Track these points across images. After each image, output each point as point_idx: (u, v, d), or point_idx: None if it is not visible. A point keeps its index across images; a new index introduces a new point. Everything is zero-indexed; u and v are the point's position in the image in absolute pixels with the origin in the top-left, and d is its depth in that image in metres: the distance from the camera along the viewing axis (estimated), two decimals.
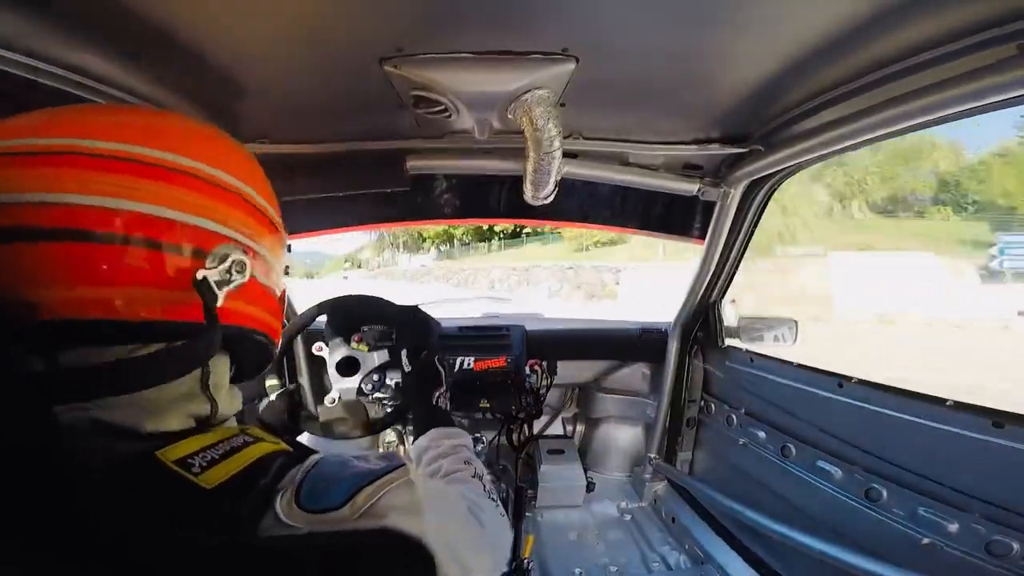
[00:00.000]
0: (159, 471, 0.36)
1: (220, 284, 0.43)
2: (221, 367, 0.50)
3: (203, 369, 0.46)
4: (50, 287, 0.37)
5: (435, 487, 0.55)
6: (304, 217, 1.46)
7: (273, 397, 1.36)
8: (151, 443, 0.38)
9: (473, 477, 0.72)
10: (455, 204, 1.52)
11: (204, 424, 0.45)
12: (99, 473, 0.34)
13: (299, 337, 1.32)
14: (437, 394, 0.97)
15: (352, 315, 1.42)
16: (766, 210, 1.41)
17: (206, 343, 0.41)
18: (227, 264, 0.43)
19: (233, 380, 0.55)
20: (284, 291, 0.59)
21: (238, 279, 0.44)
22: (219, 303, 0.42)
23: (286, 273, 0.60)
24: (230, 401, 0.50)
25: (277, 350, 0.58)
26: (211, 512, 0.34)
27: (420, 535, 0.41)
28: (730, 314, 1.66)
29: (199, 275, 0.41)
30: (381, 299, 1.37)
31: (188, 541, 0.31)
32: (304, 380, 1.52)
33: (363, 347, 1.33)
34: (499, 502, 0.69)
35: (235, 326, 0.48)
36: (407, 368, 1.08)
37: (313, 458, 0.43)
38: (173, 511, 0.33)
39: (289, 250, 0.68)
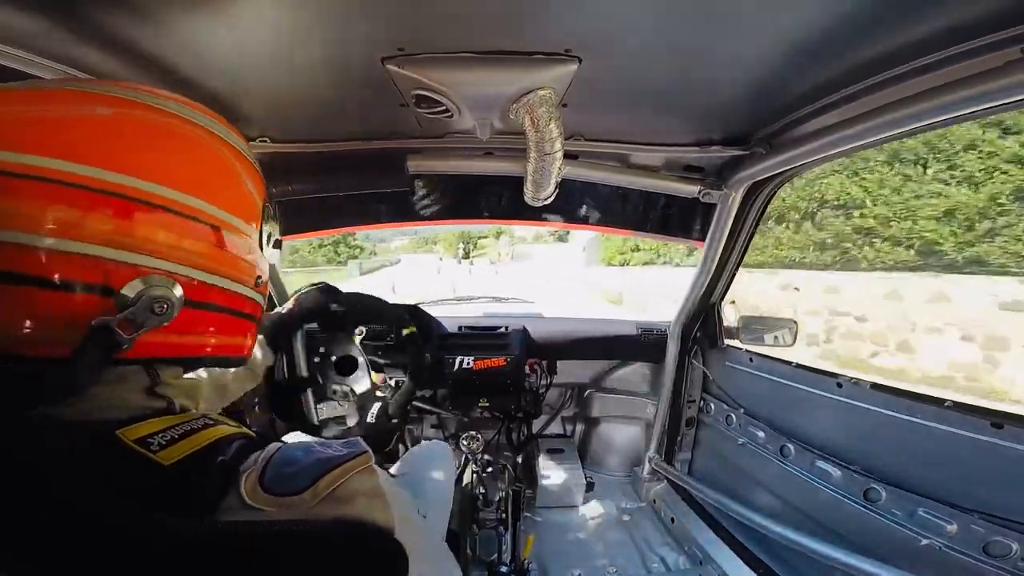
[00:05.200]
0: (119, 449, 0.36)
1: (133, 325, 0.37)
2: (171, 375, 0.47)
3: (149, 377, 0.44)
4: None
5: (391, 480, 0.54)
6: (304, 217, 1.46)
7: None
8: (109, 425, 0.38)
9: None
10: (456, 204, 1.52)
11: (163, 413, 0.44)
12: (62, 456, 0.34)
13: (299, 335, 1.31)
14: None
15: (351, 313, 1.41)
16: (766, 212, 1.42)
17: (73, 382, 0.36)
18: (143, 303, 0.37)
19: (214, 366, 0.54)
20: (258, 303, 0.54)
21: (157, 320, 0.38)
22: (128, 348, 0.38)
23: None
24: (189, 392, 0.49)
25: (244, 359, 0.55)
26: (170, 487, 0.35)
27: (391, 528, 0.41)
28: (730, 314, 1.66)
29: (95, 323, 0.36)
30: (379, 299, 1.36)
31: (155, 523, 0.32)
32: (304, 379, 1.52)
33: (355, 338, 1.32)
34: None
35: (181, 357, 0.44)
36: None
37: (275, 444, 0.43)
38: (133, 487, 0.33)
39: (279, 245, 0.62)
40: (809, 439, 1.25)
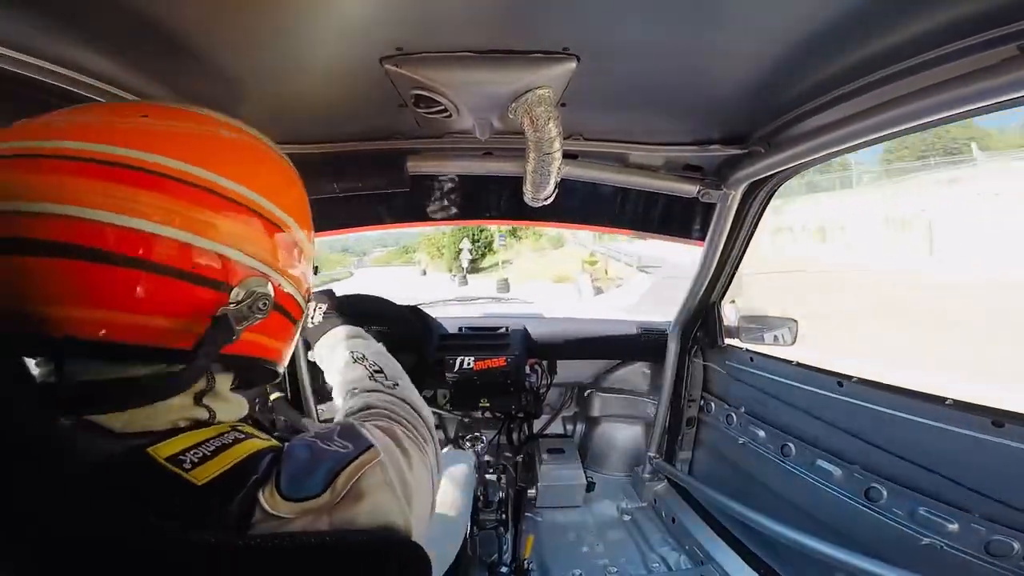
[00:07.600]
0: (150, 467, 0.36)
1: (240, 319, 0.41)
2: (222, 382, 0.49)
3: (206, 382, 0.45)
4: (59, 305, 0.35)
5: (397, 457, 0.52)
6: None
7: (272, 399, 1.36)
8: (141, 440, 0.38)
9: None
10: (455, 205, 1.52)
11: (199, 425, 0.44)
12: (89, 469, 0.33)
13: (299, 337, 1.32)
14: None
15: (351, 315, 1.41)
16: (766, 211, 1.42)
17: (195, 373, 0.40)
18: (251, 300, 0.41)
19: (239, 388, 0.54)
20: (301, 313, 0.56)
21: (258, 316, 0.42)
22: (235, 339, 0.41)
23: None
24: (230, 409, 0.49)
25: (277, 371, 0.56)
26: (202, 507, 0.35)
27: (409, 528, 0.42)
28: (730, 314, 1.66)
29: (220, 312, 0.40)
30: (381, 298, 1.36)
31: (180, 539, 0.31)
32: (304, 380, 1.52)
33: None
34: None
35: (245, 356, 0.46)
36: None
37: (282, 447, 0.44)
38: (164, 507, 0.33)
39: (316, 272, 0.64)
40: (810, 438, 1.25)
